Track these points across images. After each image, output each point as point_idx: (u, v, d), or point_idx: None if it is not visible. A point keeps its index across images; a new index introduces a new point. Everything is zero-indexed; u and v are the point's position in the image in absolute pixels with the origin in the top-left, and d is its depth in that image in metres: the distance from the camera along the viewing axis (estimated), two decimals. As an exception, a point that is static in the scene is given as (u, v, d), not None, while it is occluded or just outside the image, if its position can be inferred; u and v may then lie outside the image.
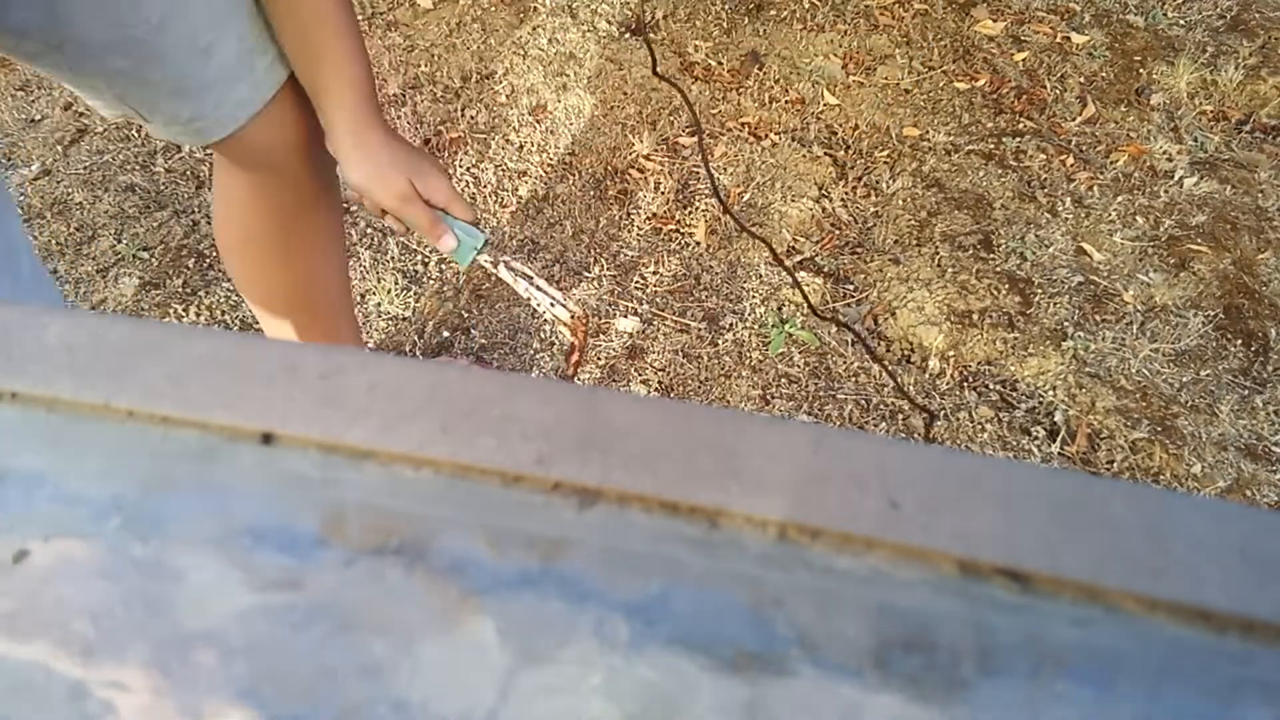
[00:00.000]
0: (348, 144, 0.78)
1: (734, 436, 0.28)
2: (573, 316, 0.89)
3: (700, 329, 1.50)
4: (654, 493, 0.27)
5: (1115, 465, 1.36)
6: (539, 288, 0.87)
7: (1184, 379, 1.47)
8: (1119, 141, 1.92)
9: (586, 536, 0.26)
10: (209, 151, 1.20)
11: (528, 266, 0.91)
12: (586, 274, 1.59)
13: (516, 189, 1.74)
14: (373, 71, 0.79)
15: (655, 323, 1.52)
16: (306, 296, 1.07)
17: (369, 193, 0.80)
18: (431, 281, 1.56)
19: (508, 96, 1.92)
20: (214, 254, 1.58)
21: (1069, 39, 2.17)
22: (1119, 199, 1.79)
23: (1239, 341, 1.54)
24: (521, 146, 1.82)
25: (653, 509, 0.26)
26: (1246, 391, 1.46)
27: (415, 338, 1.47)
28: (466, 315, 1.51)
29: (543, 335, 1.49)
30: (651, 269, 1.61)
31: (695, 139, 1.86)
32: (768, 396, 1.41)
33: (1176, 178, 1.84)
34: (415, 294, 1.53)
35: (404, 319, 1.50)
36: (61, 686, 0.24)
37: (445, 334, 1.48)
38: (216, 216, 1.02)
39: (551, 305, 0.87)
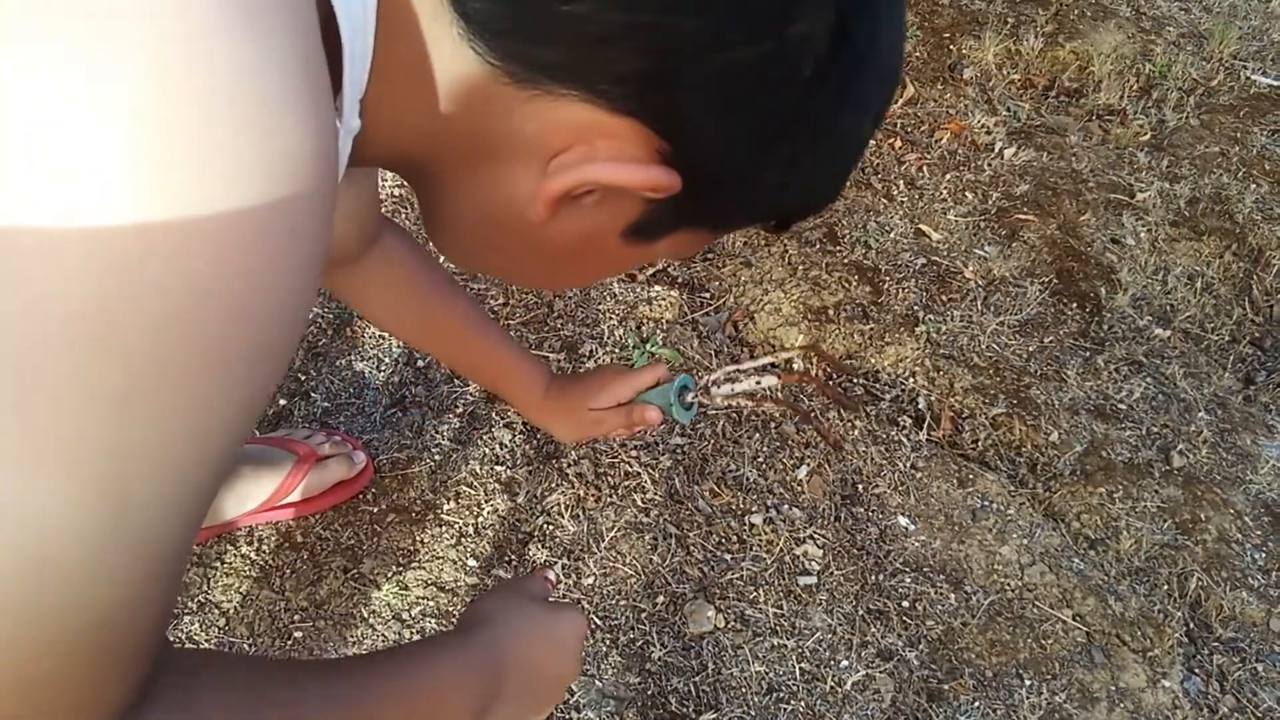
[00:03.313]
0: (541, 418, 0.93)
1: None
2: (784, 380, 0.91)
3: (560, 360, 1.44)
4: None
5: (980, 444, 1.39)
6: (746, 372, 0.87)
7: (1030, 349, 1.52)
8: (940, 119, 1.98)
9: None
10: None
11: (726, 364, 0.94)
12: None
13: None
14: (529, 354, 0.92)
15: (511, 359, 1.44)
16: None
17: (579, 441, 1.07)
18: (260, 345, 1.42)
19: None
20: None
21: (881, 21, 2.22)
22: (947, 176, 1.83)
23: (1074, 304, 1.61)
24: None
25: None
26: (1088, 353, 1.53)
27: (249, 411, 1.33)
28: (304, 378, 1.39)
29: (390, 390, 1.38)
30: (500, 300, 1.53)
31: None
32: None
33: (996, 149, 1.91)
34: (243, 362, 1.39)
35: (233, 391, 1.36)
36: None
37: (282, 401, 1.36)
38: None
39: (760, 379, 0.86)
